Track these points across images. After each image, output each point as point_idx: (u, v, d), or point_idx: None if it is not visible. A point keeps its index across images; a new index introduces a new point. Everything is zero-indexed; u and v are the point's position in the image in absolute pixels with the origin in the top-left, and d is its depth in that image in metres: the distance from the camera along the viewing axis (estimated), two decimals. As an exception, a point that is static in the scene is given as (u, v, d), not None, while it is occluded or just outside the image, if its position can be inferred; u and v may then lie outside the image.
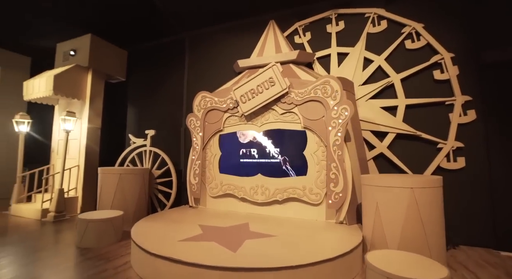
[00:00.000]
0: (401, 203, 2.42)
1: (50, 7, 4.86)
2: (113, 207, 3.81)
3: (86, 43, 5.31)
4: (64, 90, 4.94)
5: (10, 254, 2.86)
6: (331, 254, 2.11)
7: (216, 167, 4.14)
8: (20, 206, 4.84)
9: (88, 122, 5.24)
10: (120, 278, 2.30)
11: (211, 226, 3.01)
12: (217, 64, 5.03)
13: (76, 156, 5.20)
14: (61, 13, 5.07)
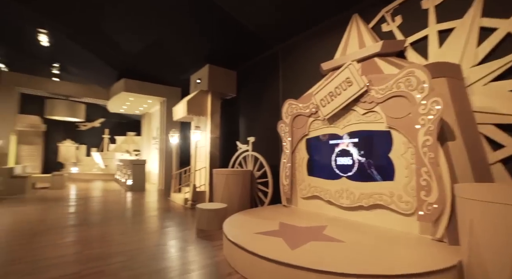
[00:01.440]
0: (508, 225, 1.83)
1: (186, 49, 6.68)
2: (222, 200, 4.78)
3: (205, 72, 6.82)
4: (194, 111, 6.58)
5: (170, 225, 4.26)
6: (398, 269, 1.93)
7: (305, 169, 4.34)
8: (175, 194, 6.85)
9: (210, 133, 6.69)
10: (214, 253, 3.02)
11: (289, 224, 3.28)
12: (307, 70, 5.20)
13: (204, 159, 6.77)
14: (192, 52, 6.83)
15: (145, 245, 3.37)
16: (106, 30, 7.14)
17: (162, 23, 6.18)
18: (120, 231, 3.97)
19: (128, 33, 7.13)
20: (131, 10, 6.01)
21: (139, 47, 7.69)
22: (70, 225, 4.32)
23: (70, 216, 4.99)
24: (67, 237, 3.66)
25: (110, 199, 7.10)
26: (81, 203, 6.36)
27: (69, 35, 8.07)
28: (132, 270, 2.62)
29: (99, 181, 12.06)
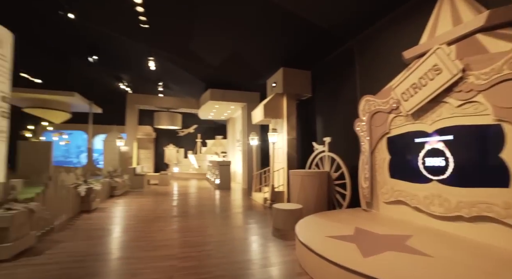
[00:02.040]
0: None
1: (261, 56, 7.07)
2: (298, 201, 4.82)
3: (280, 75, 7.00)
4: (270, 114, 6.87)
5: (249, 222, 4.65)
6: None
7: (386, 171, 3.94)
8: (256, 194, 7.30)
9: (287, 135, 6.82)
10: (287, 252, 3.12)
11: (366, 230, 3.06)
12: (387, 62, 4.69)
13: (282, 160, 6.95)
14: (267, 58, 7.18)
15: (227, 238, 3.77)
16: (193, 49, 8.27)
17: (238, 36, 6.73)
18: (210, 224, 4.55)
19: (210, 49, 8.07)
20: (211, 29, 6.80)
21: (220, 59, 8.58)
22: (173, 215, 5.23)
23: (173, 208, 6.02)
24: (170, 225, 4.45)
25: (202, 195, 8.15)
26: (181, 198, 7.55)
27: (168, 58, 9.74)
28: (216, 258, 2.99)
29: (194, 179, 13.96)
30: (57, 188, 4.34)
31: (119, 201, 6.90)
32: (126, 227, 4.34)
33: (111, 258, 2.98)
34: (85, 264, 2.78)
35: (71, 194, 4.87)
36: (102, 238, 3.70)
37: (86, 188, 5.28)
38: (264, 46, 6.96)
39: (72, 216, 4.88)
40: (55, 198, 4.21)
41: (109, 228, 4.27)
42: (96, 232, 3.99)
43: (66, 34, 9.53)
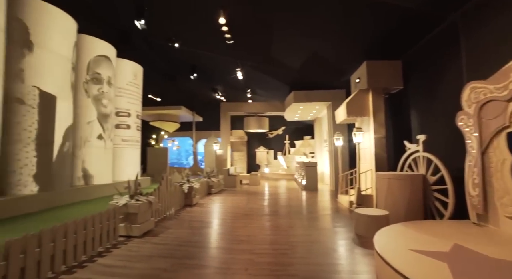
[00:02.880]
0: None
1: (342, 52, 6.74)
2: (386, 207, 4.34)
3: (363, 69, 6.46)
4: (354, 112, 6.43)
5: (330, 226, 4.58)
6: None
7: (508, 177, 3.09)
8: (342, 196, 6.97)
9: (374, 133, 6.22)
10: (365, 261, 2.92)
11: (469, 249, 2.52)
12: (506, 37, 3.67)
13: (369, 161, 6.38)
14: (348, 53, 6.78)
15: (306, 239, 3.81)
16: (275, 55, 8.64)
17: (317, 35, 6.62)
18: (291, 224, 4.69)
19: (290, 53, 8.24)
20: (290, 34, 6.96)
21: (301, 61, 8.63)
22: (259, 213, 5.64)
23: (260, 206, 6.47)
24: (255, 222, 4.84)
25: (288, 196, 8.38)
26: (268, 198, 8.00)
27: (253, 67, 10.50)
28: (292, 258, 3.10)
29: (283, 180, 14.39)
30: (167, 185, 5.44)
31: (215, 198, 7.93)
32: (218, 221, 5.00)
33: (203, 246, 3.54)
34: (184, 248, 3.42)
35: (177, 190, 5.98)
36: (199, 228, 4.41)
37: (188, 186, 6.36)
38: (344, 40, 6.60)
39: (179, 209, 5.99)
40: (166, 193, 5.30)
41: (205, 220, 5.03)
42: (195, 223, 4.78)
43: (173, 59, 11.65)
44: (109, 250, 3.32)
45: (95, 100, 7.99)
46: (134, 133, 9.97)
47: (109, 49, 8.56)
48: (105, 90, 8.27)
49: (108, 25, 9.09)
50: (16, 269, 2.31)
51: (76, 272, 2.71)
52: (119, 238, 3.74)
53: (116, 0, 7.49)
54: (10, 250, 2.27)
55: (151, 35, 9.42)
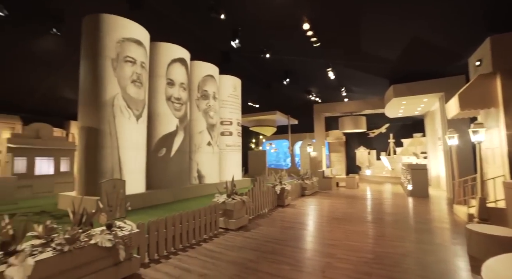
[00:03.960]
0: None
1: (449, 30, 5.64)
2: (518, 226, 3.37)
3: (486, 47, 5.16)
4: (471, 104, 5.22)
5: (439, 242, 4.01)
6: None
7: None
8: (458, 207, 5.75)
9: (506, 129, 4.86)
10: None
11: None
12: None
13: (500, 165, 5.02)
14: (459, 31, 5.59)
15: (395, 251, 3.47)
16: (366, 50, 8.03)
17: (418, 15, 5.79)
18: (382, 233, 4.33)
19: (385, 42, 7.47)
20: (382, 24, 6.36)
21: (400, 50, 7.67)
22: (350, 218, 5.45)
23: (353, 211, 6.19)
24: (343, 227, 4.74)
25: (391, 201, 7.55)
26: (364, 202, 7.47)
27: (345, 65, 10.06)
28: (372, 268, 2.94)
29: (387, 183, 12.88)
30: (260, 186, 6.02)
31: (308, 200, 8.06)
32: (307, 222, 5.16)
33: (287, 244, 3.80)
34: (270, 244, 3.79)
35: (270, 191, 6.50)
36: (287, 228, 4.72)
37: (280, 188, 6.78)
38: (458, 14, 5.47)
39: (271, 208, 6.49)
40: (259, 194, 5.89)
41: (294, 221, 5.29)
42: (284, 223, 5.12)
43: (267, 68, 12.55)
44: (211, 238, 4.09)
45: (204, 113, 9.66)
46: (236, 139, 11.37)
47: (213, 69, 10.16)
48: (211, 104, 9.87)
49: (211, 49, 10.80)
50: (153, 241, 3.26)
51: (188, 251, 3.52)
52: (219, 229, 4.51)
53: (216, 28, 8.83)
54: (150, 228, 3.24)
55: (246, 50, 10.52)
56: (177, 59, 8.35)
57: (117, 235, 2.61)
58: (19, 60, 9.79)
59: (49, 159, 10.52)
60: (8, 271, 1.80)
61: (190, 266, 3.03)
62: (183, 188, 7.98)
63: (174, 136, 8.03)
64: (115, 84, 6.36)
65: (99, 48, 6.32)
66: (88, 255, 2.35)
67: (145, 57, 7.17)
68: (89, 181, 6.05)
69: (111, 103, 6.30)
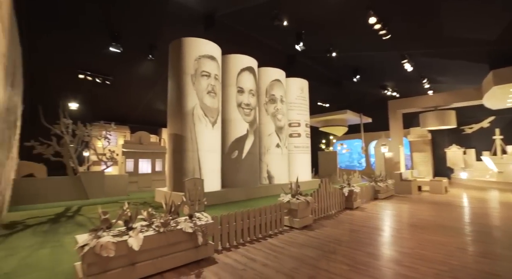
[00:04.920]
0: None
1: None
2: None
3: None
4: None
5: (522, 257, 3.37)
6: None
7: None
8: None
9: None
10: None
11: None
12: None
13: None
14: None
15: (475, 267, 3.06)
16: (450, 33, 7.01)
17: None
18: (480, 250, 3.82)
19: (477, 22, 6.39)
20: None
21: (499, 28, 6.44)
22: (432, 226, 4.93)
23: (437, 218, 5.54)
24: (422, 236, 4.36)
25: (494, 212, 6.38)
26: (453, 210, 6.52)
27: (423, 53, 8.97)
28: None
29: (493, 190, 10.66)
30: (326, 187, 6.03)
31: (381, 203, 7.53)
32: (375, 226, 4.94)
33: (350, 246, 3.79)
34: (332, 245, 3.86)
35: (337, 193, 6.42)
36: (352, 231, 4.64)
37: (348, 190, 6.60)
38: None
39: (339, 210, 6.38)
40: (325, 195, 5.91)
41: (361, 224, 5.12)
42: (351, 225, 5.03)
43: (335, 67, 12.21)
44: (276, 235, 4.41)
45: (272, 117, 10.13)
46: (304, 140, 11.46)
47: (280, 74, 10.55)
48: (279, 108, 10.28)
49: (278, 54, 11.22)
50: (225, 232, 3.80)
51: (254, 244, 3.94)
52: (284, 227, 4.79)
53: (280, 35, 9.19)
54: (222, 221, 3.79)
55: (311, 51, 10.54)
56: (246, 68, 9.07)
57: (196, 224, 3.21)
58: (128, 82, 12.36)
59: (148, 160, 12.88)
60: (129, 240, 2.54)
61: (255, 256, 3.42)
62: (254, 188, 8.60)
63: (245, 139, 8.75)
64: (194, 96, 7.44)
65: (182, 67, 7.50)
66: (176, 237, 2.99)
67: (217, 70, 8.10)
68: (175, 179, 7.25)
69: (191, 113, 7.39)
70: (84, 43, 9.61)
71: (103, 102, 13.09)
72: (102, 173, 9.23)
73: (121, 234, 2.66)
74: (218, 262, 3.23)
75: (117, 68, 11.49)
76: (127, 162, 12.09)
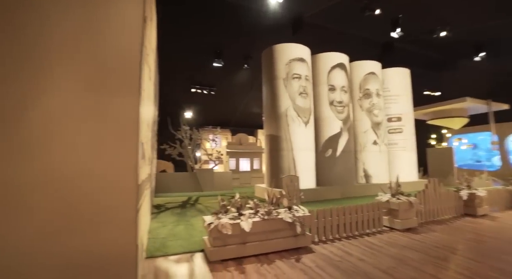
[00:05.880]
0: None
1: None
2: None
3: None
4: None
5: None
6: None
7: None
8: None
9: None
10: None
11: None
12: None
13: None
14: None
15: None
16: None
17: None
18: None
19: None
20: None
21: None
22: None
23: None
24: None
25: None
26: None
27: None
28: None
29: None
30: (436, 189, 5.31)
31: (522, 212, 5.96)
32: (507, 239, 4.06)
33: (467, 256, 3.32)
34: (441, 251, 3.47)
35: (452, 196, 5.54)
36: (472, 240, 3.99)
37: (468, 193, 5.58)
38: None
39: (454, 216, 5.48)
40: (433, 197, 5.23)
41: (487, 234, 4.30)
42: (470, 234, 4.31)
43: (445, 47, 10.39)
44: (374, 234, 4.28)
45: (368, 112, 9.54)
46: (407, 136, 10.25)
47: (374, 66, 9.81)
48: (375, 102, 9.58)
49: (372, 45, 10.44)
50: (321, 226, 4.03)
51: (350, 240, 3.98)
52: (383, 227, 4.58)
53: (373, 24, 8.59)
54: (318, 215, 4.04)
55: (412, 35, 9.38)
56: (336, 65, 8.91)
57: (294, 215, 3.58)
58: (228, 91, 14.16)
59: (247, 159, 14.33)
60: (241, 223, 3.16)
61: (351, 251, 3.50)
62: (350, 186, 8.36)
63: (339, 137, 8.61)
64: (286, 98, 7.92)
65: (274, 72, 8.12)
66: (277, 224, 3.45)
67: (308, 71, 8.32)
68: (273, 176, 7.89)
69: (285, 114, 7.88)
70: (195, 63, 11.70)
71: (210, 110, 15.44)
72: (212, 170, 10.98)
73: (234, 218, 3.31)
74: (315, 251, 3.50)
75: (219, 80, 13.37)
76: (230, 161, 13.85)
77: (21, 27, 2.17)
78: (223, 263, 3.07)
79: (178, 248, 3.51)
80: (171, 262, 3.14)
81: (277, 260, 3.19)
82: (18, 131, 2.09)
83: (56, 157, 2.16)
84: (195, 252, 3.43)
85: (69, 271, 2.09)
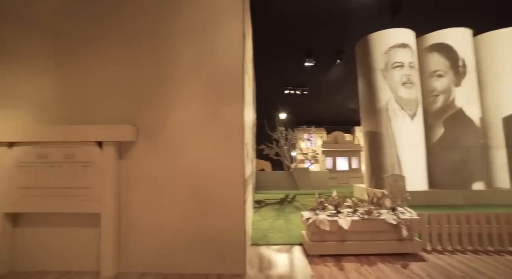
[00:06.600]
0: None
1: None
2: None
3: None
4: None
5: None
6: None
7: None
8: None
9: None
10: None
11: None
12: None
13: None
14: None
15: None
16: None
17: None
18: None
19: None
20: None
21: None
22: None
23: None
24: None
25: None
26: None
27: None
28: None
29: None
30: None
31: None
32: None
33: None
34: None
35: None
36: None
37: None
38: None
39: None
40: None
41: None
42: None
43: None
44: (519, 251, 3.37)
45: None
46: None
47: None
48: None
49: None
50: (435, 232, 3.49)
51: (481, 255, 3.27)
52: (535, 245, 3.52)
53: None
54: (431, 219, 3.54)
55: None
56: (441, 46, 7.38)
57: (399, 217, 3.27)
58: (320, 89, 13.94)
59: (344, 158, 13.66)
60: (339, 220, 3.16)
61: (481, 268, 2.89)
62: (479, 191, 6.75)
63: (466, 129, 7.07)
64: (386, 91, 7.16)
65: (370, 64, 7.49)
66: (379, 225, 3.24)
67: (412, 57, 7.27)
68: (373, 176, 7.28)
69: (386, 108, 7.14)
70: (287, 64, 12.11)
71: (303, 110, 15.59)
72: (308, 169, 11.06)
73: (332, 215, 3.33)
74: (427, 261, 3.08)
75: (311, 79, 13.33)
76: (326, 160, 13.55)
77: (156, 52, 2.94)
78: (321, 258, 3.14)
79: (278, 240, 3.82)
80: (273, 251, 3.46)
81: (379, 262, 3.01)
82: (161, 138, 2.84)
83: (188, 157, 2.82)
84: (294, 245, 3.64)
85: (202, 242, 2.70)
